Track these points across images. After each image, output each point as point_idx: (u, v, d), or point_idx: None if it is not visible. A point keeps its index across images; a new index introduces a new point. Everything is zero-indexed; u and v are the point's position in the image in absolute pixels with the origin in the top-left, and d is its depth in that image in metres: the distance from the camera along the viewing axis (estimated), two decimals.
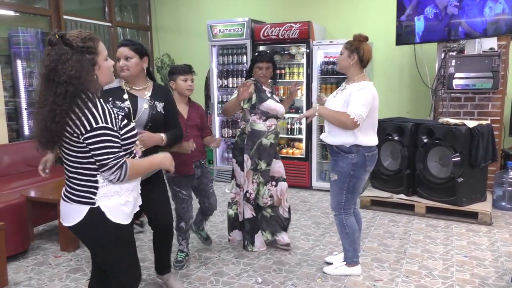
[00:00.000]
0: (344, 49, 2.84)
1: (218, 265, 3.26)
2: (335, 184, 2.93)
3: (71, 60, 1.63)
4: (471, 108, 4.70)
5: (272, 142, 3.37)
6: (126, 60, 2.42)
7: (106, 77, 1.79)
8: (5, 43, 5.67)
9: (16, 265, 3.30)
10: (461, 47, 4.56)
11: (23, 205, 3.43)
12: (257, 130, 3.33)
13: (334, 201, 2.98)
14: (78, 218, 1.77)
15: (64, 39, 1.65)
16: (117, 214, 1.80)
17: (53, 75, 1.63)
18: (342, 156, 2.85)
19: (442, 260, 3.29)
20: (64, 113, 1.63)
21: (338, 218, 3.00)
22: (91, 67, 1.70)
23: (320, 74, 5.28)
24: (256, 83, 3.36)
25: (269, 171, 3.43)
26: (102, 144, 1.67)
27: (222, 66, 5.78)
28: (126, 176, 1.73)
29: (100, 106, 1.70)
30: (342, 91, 2.86)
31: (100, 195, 1.75)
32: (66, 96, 1.62)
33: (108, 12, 6.26)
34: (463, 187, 4.08)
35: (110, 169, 1.70)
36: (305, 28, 5.14)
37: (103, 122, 1.67)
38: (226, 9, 6.24)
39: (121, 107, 2.40)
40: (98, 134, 1.66)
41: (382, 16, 5.28)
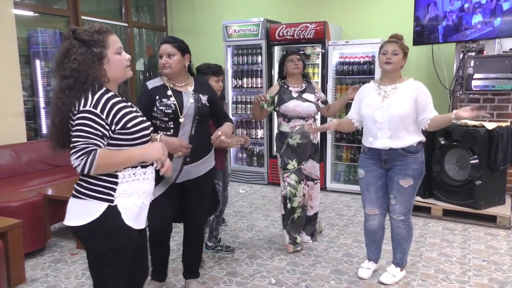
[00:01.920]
0: (399, 49, 2.68)
1: (232, 265, 3.26)
2: (410, 189, 2.76)
3: (76, 53, 1.62)
4: (490, 110, 4.60)
5: (299, 142, 3.39)
6: (169, 58, 2.43)
7: (118, 71, 1.72)
8: (25, 43, 5.77)
9: (33, 262, 3.35)
10: (480, 47, 4.47)
11: (41, 203, 3.48)
12: (283, 131, 3.45)
13: (406, 205, 2.81)
14: (93, 216, 1.65)
15: (75, 33, 1.65)
16: (133, 216, 1.72)
17: (60, 69, 1.63)
18: (411, 158, 2.71)
19: (459, 264, 3.24)
20: (64, 106, 1.60)
21: (407, 222, 2.85)
22: (98, 61, 1.66)
23: (336, 75, 5.24)
24: (282, 84, 3.45)
25: (301, 170, 3.46)
26: (80, 127, 1.58)
27: (237, 66, 5.78)
28: (93, 165, 1.55)
29: (100, 93, 1.63)
30: (395, 91, 2.70)
31: (120, 192, 1.68)
32: (66, 89, 1.61)
33: (125, 12, 6.32)
34: (482, 190, 4.00)
35: (76, 152, 1.56)
36: (321, 28, 5.11)
37: (89, 106, 1.60)
38: (241, 9, 6.24)
39: (167, 104, 2.43)
40: (81, 117, 1.59)
41: (398, 16, 5.21)
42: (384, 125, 2.70)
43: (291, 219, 3.46)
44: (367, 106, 2.79)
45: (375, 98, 2.76)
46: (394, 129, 2.69)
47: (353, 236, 3.83)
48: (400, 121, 2.67)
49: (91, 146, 1.57)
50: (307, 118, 3.41)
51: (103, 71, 1.68)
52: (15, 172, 4.36)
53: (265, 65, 5.52)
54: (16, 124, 4.64)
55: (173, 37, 2.65)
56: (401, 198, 2.79)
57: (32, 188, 3.93)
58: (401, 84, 2.71)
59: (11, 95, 4.55)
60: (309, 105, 3.38)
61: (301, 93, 3.42)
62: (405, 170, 2.73)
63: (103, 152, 1.59)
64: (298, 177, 3.44)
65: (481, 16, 4.23)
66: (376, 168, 2.83)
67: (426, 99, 2.67)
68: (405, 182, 2.74)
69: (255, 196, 5.17)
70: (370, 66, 5.04)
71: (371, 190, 2.87)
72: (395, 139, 2.70)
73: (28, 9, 5.21)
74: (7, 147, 4.42)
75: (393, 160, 2.75)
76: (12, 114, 4.58)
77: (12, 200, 3.34)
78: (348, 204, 4.80)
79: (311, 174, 3.51)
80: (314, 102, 3.42)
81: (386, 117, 2.68)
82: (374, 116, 2.73)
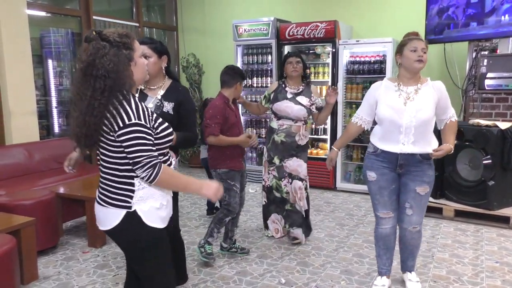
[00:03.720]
0: (426, 46, 2.50)
1: (241, 265, 3.26)
2: (426, 196, 2.62)
3: (108, 54, 1.63)
4: (503, 109, 4.54)
5: (283, 140, 3.49)
6: (145, 59, 2.37)
7: (141, 73, 1.77)
8: (37, 43, 5.85)
9: (46, 260, 3.39)
10: (493, 46, 4.41)
11: (53, 201, 3.51)
12: (271, 126, 3.61)
13: (422, 215, 2.68)
14: (115, 222, 1.73)
15: (102, 35, 1.66)
16: (153, 218, 1.76)
17: (91, 70, 1.62)
18: (427, 164, 2.57)
19: (471, 266, 3.20)
20: (102, 107, 1.60)
21: (420, 232, 2.73)
22: (128, 62, 1.69)
23: (346, 74, 5.21)
24: (281, 83, 3.58)
25: (283, 167, 3.54)
26: (135, 141, 1.62)
27: (247, 65, 5.78)
28: (157, 177, 1.65)
29: (134, 103, 1.66)
30: (418, 92, 2.51)
31: (137, 199, 1.71)
32: (105, 90, 1.61)
33: (136, 12, 6.36)
34: (495, 190, 3.95)
35: (142, 167, 1.64)
36: (331, 28, 5.09)
37: (135, 119, 1.63)
38: (251, 9, 6.24)
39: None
40: (131, 131, 1.62)
41: (409, 15, 5.16)
42: (409, 129, 2.48)
43: (285, 209, 3.63)
44: (389, 108, 2.53)
45: (397, 100, 2.52)
46: (419, 134, 2.49)
47: (363, 236, 3.81)
48: (425, 126, 2.50)
49: (155, 159, 1.65)
50: (296, 120, 3.48)
51: (131, 74, 1.70)
52: (28, 170, 4.42)
53: (275, 64, 5.52)
54: (29, 123, 4.70)
55: (150, 38, 2.57)
56: (417, 207, 2.62)
57: (45, 186, 3.97)
58: (422, 85, 2.52)
59: (24, 95, 4.61)
60: (300, 109, 3.44)
61: (296, 95, 3.49)
62: (422, 176, 2.57)
63: (166, 169, 1.68)
64: (278, 174, 3.58)
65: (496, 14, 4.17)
66: (389, 171, 2.62)
67: (447, 101, 2.55)
68: (422, 189, 2.58)
69: None
70: (381, 65, 5.00)
71: (384, 193, 2.66)
72: (418, 145, 2.50)
73: (40, 9, 5.27)
74: (20, 145, 4.48)
75: (409, 165, 2.56)
76: (25, 113, 4.64)
77: (25, 198, 3.38)
78: (358, 204, 4.77)
79: (296, 172, 3.54)
80: (306, 106, 3.47)
81: (412, 122, 2.46)
82: (397, 119, 2.49)
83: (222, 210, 3.24)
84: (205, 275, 3.09)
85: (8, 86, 4.46)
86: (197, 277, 3.07)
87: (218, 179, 3.15)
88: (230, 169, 3.17)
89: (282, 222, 3.71)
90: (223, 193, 1.80)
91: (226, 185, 3.13)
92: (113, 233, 1.79)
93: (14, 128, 4.54)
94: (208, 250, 3.21)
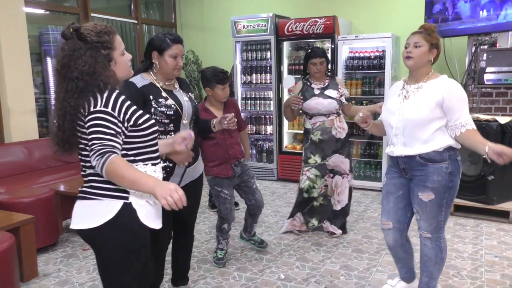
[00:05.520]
0: (424, 40, 2.25)
1: (241, 261, 3.27)
2: (431, 204, 2.31)
3: (84, 55, 1.55)
4: (503, 104, 4.53)
5: (320, 138, 3.46)
6: (182, 59, 2.32)
7: (123, 71, 1.69)
8: (36, 41, 5.84)
9: (46, 257, 3.40)
10: (493, 40, 4.40)
11: (52, 199, 3.52)
12: (306, 128, 3.58)
13: (431, 222, 2.35)
14: (108, 216, 1.58)
15: (79, 33, 1.57)
16: (148, 215, 1.66)
17: (65, 71, 1.56)
18: (432, 167, 2.26)
19: (470, 260, 3.20)
20: (72, 109, 1.54)
21: (436, 241, 2.39)
22: (107, 63, 1.61)
23: (345, 70, 5.20)
24: (305, 82, 3.53)
25: (325, 165, 3.53)
26: (94, 128, 1.53)
27: (246, 62, 5.77)
28: (104, 168, 1.48)
29: (107, 93, 1.58)
30: (418, 90, 2.29)
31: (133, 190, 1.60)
32: (75, 91, 1.54)
33: (134, 9, 6.34)
34: (494, 185, 3.94)
35: (93, 154, 1.51)
36: (330, 23, 5.07)
37: (101, 106, 1.55)
38: (250, 5, 6.22)
39: (168, 105, 2.25)
40: (93, 118, 1.54)
41: (408, 10, 5.14)
42: (398, 130, 2.33)
43: (311, 205, 3.62)
44: (385, 110, 2.45)
45: (396, 100, 2.38)
46: (409, 135, 2.29)
47: (363, 232, 3.81)
48: (417, 127, 2.26)
49: (107, 147, 1.51)
50: (328, 115, 3.44)
51: (112, 73, 1.63)
52: (28, 168, 4.43)
53: (274, 60, 5.51)
54: (28, 121, 4.69)
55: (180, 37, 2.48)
56: (423, 214, 2.36)
57: (44, 184, 3.98)
58: (426, 83, 2.27)
59: (23, 93, 4.61)
60: (330, 102, 3.41)
61: (323, 89, 3.46)
62: (424, 181, 2.30)
63: (115, 159, 1.50)
64: (320, 172, 3.53)
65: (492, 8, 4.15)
66: (397, 176, 2.45)
67: (455, 103, 2.19)
68: (425, 195, 2.31)
69: (265, 192, 5.17)
70: (380, 60, 4.98)
71: (390, 199, 2.50)
72: (410, 146, 2.30)
73: (39, 7, 5.25)
74: (19, 143, 4.49)
75: (412, 169, 2.35)
76: (24, 111, 4.64)
77: (24, 196, 3.39)
78: (358, 200, 4.78)
79: (339, 168, 3.57)
80: (336, 98, 3.44)
81: (400, 122, 2.30)
82: (388, 120, 2.39)
83: (218, 218, 3.22)
84: (204, 272, 3.10)
85: (7, 85, 4.46)
86: (197, 273, 3.08)
87: (209, 184, 3.14)
88: (216, 176, 3.08)
89: (301, 217, 3.72)
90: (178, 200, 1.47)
91: (214, 191, 3.13)
92: (97, 231, 1.60)
93: (13, 126, 4.55)
94: (219, 255, 3.22)
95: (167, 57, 2.25)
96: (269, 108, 5.72)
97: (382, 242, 3.57)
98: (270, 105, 5.68)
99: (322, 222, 3.72)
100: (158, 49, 2.26)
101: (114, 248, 1.65)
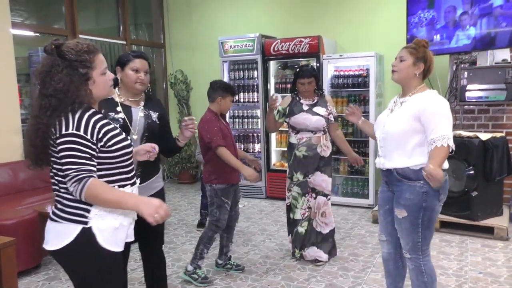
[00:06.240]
0: (408, 54, 2.29)
1: (226, 281, 3.24)
2: (405, 222, 2.30)
3: (61, 73, 1.55)
4: (485, 121, 4.62)
5: (305, 154, 3.41)
6: (145, 75, 2.36)
7: (101, 91, 1.68)
8: (25, 62, 5.87)
9: (28, 280, 3.35)
10: (473, 59, 4.50)
11: (35, 220, 3.48)
12: (291, 142, 3.52)
13: (407, 241, 2.33)
14: (68, 240, 1.60)
15: (59, 50, 1.57)
16: (109, 239, 1.64)
17: (41, 86, 1.57)
18: (406, 185, 2.26)
19: (455, 277, 3.20)
20: (44, 127, 1.54)
21: (415, 263, 2.35)
22: (84, 82, 1.60)
23: (331, 88, 5.27)
24: (294, 96, 3.51)
25: (307, 183, 3.46)
26: (66, 152, 1.53)
27: (233, 81, 5.83)
28: (82, 195, 1.52)
29: (79, 114, 1.58)
30: (402, 104, 2.32)
31: (94, 214, 1.61)
32: (48, 109, 1.54)
33: (123, 30, 6.41)
34: (478, 201, 3.98)
35: (70, 180, 1.53)
36: (315, 43, 5.17)
37: (73, 129, 1.54)
38: (237, 25, 6.32)
39: (115, 119, 2.30)
40: (65, 141, 1.54)
41: (392, 28, 5.25)
42: (381, 143, 2.38)
43: (295, 231, 3.51)
44: (376, 122, 2.51)
45: (385, 112, 2.44)
46: (387, 147, 2.34)
47: (349, 249, 3.81)
48: (394, 140, 2.29)
49: (83, 173, 1.52)
50: (315, 131, 3.41)
51: (88, 92, 1.62)
52: (12, 190, 4.38)
53: (261, 79, 5.58)
54: (14, 142, 4.67)
55: (145, 53, 2.58)
56: (400, 231, 2.37)
57: (29, 205, 3.93)
58: (411, 97, 2.29)
59: (9, 113, 4.60)
60: (318, 119, 3.38)
61: (312, 106, 3.43)
62: (398, 198, 2.32)
63: (94, 183, 1.52)
64: (301, 190, 3.47)
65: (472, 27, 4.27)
66: (386, 190, 2.47)
67: (428, 117, 2.18)
68: (399, 212, 2.32)
69: (253, 210, 5.16)
70: (364, 79, 5.06)
71: (380, 212, 2.53)
72: (389, 159, 2.33)
73: (27, 29, 5.30)
74: (4, 165, 4.45)
75: (391, 183, 2.37)
76: (10, 131, 4.62)
77: (6, 218, 3.35)
78: (345, 217, 4.78)
79: (321, 188, 3.48)
80: (324, 116, 3.40)
81: (382, 134, 2.36)
82: (376, 132, 2.46)
83: (210, 227, 3.19)
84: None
85: None
86: None
87: (213, 194, 3.15)
88: (227, 184, 3.14)
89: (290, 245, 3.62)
90: (164, 215, 1.54)
91: (219, 201, 3.14)
92: (62, 253, 1.63)
93: None
94: (201, 274, 3.18)
95: (128, 70, 2.33)
96: (256, 126, 5.76)
97: (368, 259, 3.57)
98: (257, 123, 5.73)
99: (303, 250, 3.53)
100: (120, 64, 2.34)
101: (78, 270, 1.66)
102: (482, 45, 4.25)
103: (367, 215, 4.79)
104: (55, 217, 1.65)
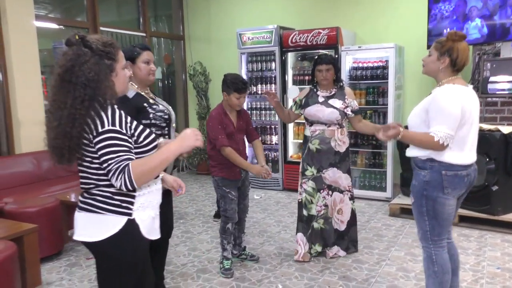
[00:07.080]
0: (433, 49, 2.33)
1: (240, 271, 3.29)
2: (414, 207, 2.41)
3: (89, 62, 1.55)
4: (508, 113, 4.49)
5: (318, 147, 3.33)
6: (154, 65, 2.46)
7: (121, 85, 1.70)
8: (50, 54, 6.01)
9: (50, 266, 3.47)
10: (496, 50, 4.38)
11: (58, 208, 3.61)
12: (305, 135, 3.47)
13: (418, 229, 2.43)
14: (112, 231, 1.62)
15: (84, 41, 1.59)
16: (150, 228, 1.72)
17: (69, 76, 1.54)
18: (416, 172, 2.37)
19: (472, 272, 3.16)
20: (82, 118, 1.52)
21: (426, 252, 2.40)
22: (109, 73, 1.62)
23: (349, 80, 5.22)
24: (312, 88, 3.44)
25: (321, 178, 3.37)
26: (106, 149, 1.54)
27: (251, 73, 5.84)
28: (132, 180, 1.52)
29: (110, 110, 1.59)
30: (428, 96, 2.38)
31: (138, 206, 1.66)
32: (85, 99, 1.53)
33: (143, 22, 6.48)
34: (498, 195, 3.90)
35: (113, 175, 1.53)
36: (333, 34, 5.11)
37: (109, 125, 1.55)
38: (255, 17, 6.30)
39: (162, 110, 2.40)
40: (104, 138, 1.54)
41: (412, 20, 5.15)
42: None
43: (311, 227, 3.43)
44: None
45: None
46: None
47: (364, 242, 3.80)
48: (410, 130, 2.38)
49: (123, 162, 1.53)
50: (329, 124, 3.32)
51: (112, 84, 1.63)
52: (36, 178, 4.53)
53: (278, 71, 5.56)
54: (38, 132, 4.79)
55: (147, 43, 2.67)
56: (415, 219, 2.45)
57: (51, 194, 4.07)
58: (434, 90, 2.33)
59: (33, 105, 4.74)
60: (332, 112, 3.27)
61: (328, 98, 3.34)
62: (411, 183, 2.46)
63: (134, 163, 1.54)
64: (316, 185, 3.38)
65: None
66: None
67: (432, 112, 2.23)
68: (411, 196, 2.43)
69: (269, 201, 5.19)
70: (383, 70, 4.99)
71: None
72: (409, 148, 2.42)
73: (49, 21, 5.42)
74: (29, 154, 4.60)
75: (413, 171, 2.47)
76: (34, 123, 4.76)
77: (30, 205, 3.48)
78: (362, 210, 4.75)
79: (337, 184, 3.40)
80: (340, 108, 3.29)
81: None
82: None
83: (221, 218, 3.28)
84: (203, 281, 3.13)
85: (17, 97, 4.60)
86: (196, 282, 3.11)
87: (215, 185, 3.25)
88: (224, 178, 3.20)
89: (306, 246, 3.43)
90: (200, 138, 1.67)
91: (221, 191, 3.20)
92: (102, 244, 1.64)
93: (23, 138, 4.67)
94: (226, 266, 3.24)
95: (140, 63, 2.40)
96: (274, 118, 5.76)
97: (383, 252, 3.56)
98: (275, 115, 5.72)
99: (326, 248, 3.48)
100: (129, 59, 2.33)
101: (116, 261, 1.69)
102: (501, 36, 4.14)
103: (384, 208, 4.75)
104: (95, 209, 1.64)
